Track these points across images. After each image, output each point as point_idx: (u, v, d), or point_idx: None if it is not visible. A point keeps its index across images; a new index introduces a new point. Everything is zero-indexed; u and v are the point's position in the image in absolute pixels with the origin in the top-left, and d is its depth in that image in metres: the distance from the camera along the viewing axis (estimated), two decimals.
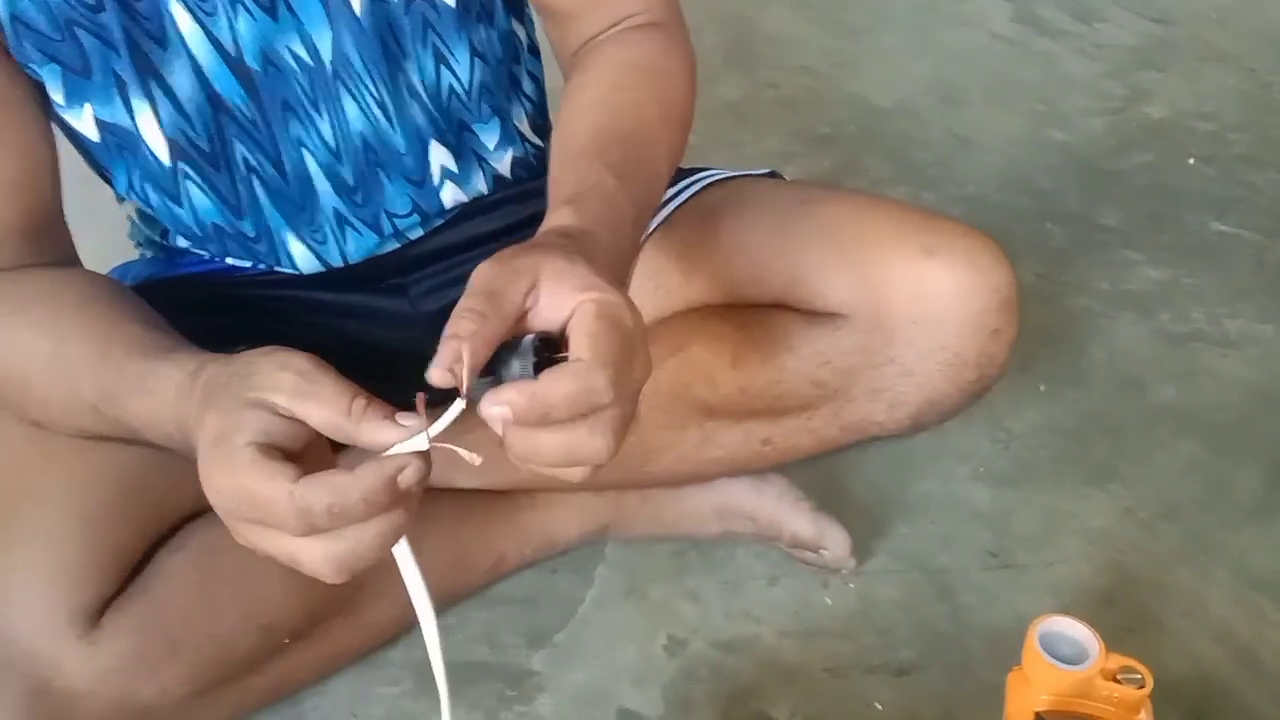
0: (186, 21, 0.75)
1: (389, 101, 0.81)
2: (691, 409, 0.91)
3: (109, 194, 0.87)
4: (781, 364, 0.88)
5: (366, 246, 0.88)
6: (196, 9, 0.75)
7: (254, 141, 0.81)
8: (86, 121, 0.77)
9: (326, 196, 0.84)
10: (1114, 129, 1.63)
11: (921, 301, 0.84)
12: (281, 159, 0.82)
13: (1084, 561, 1.02)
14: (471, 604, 0.99)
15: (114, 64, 0.75)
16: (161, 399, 0.63)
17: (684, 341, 0.90)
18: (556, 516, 1.00)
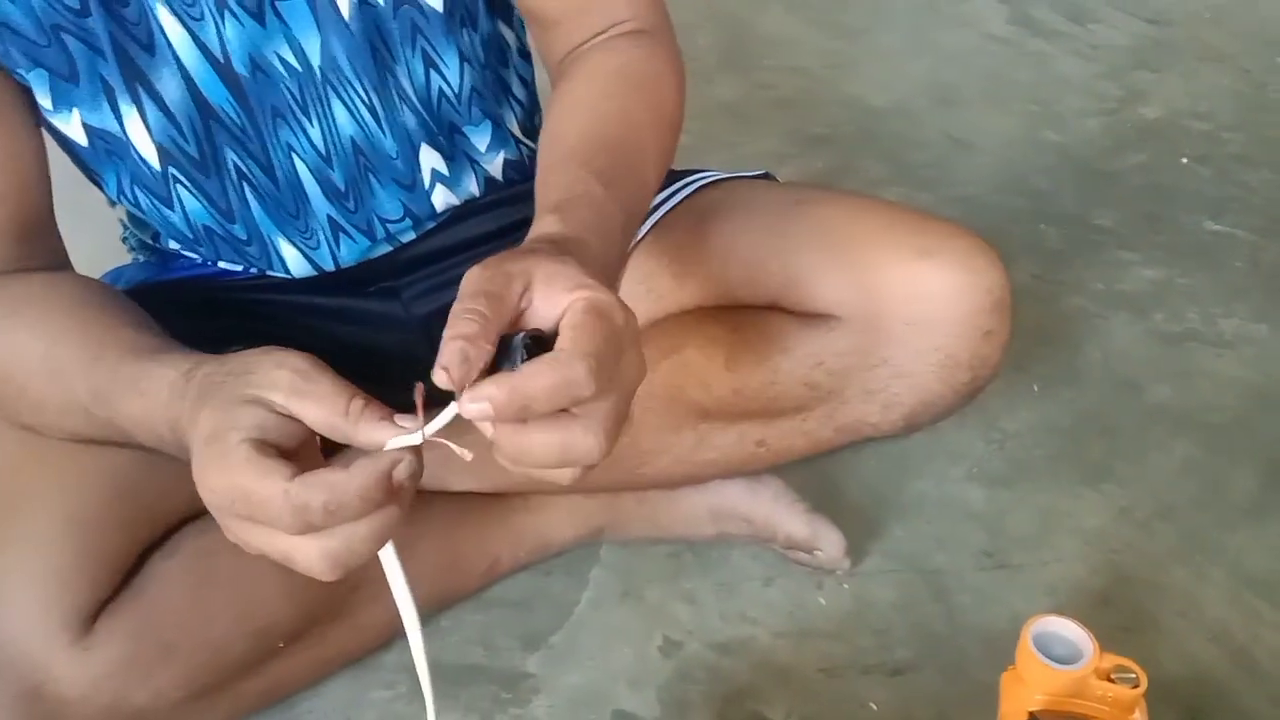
0: (174, 27, 0.75)
1: (379, 106, 0.81)
2: (685, 411, 0.91)
3: (101, 197, 0.86)
4: (775, 366, 0.88)
5: (358, 250, 0.88)
6: (184, 15, 0.75)
7: (244, 147, 0.81)
8: (74, 127, 0.77)
9: (318, 201, 0.84)
10: (1109, 129, 1.63)
11: (915, 303, 0.85)
12: (272, 164, 0.82)
13: (1079, 561, 1.02)
14: (466, 607, 0.98)
15: (101, 69, 0.75)
16: (154, 399, 0.63)
17: (678, 344, 0.90)
18: (551, 519, 1.00)
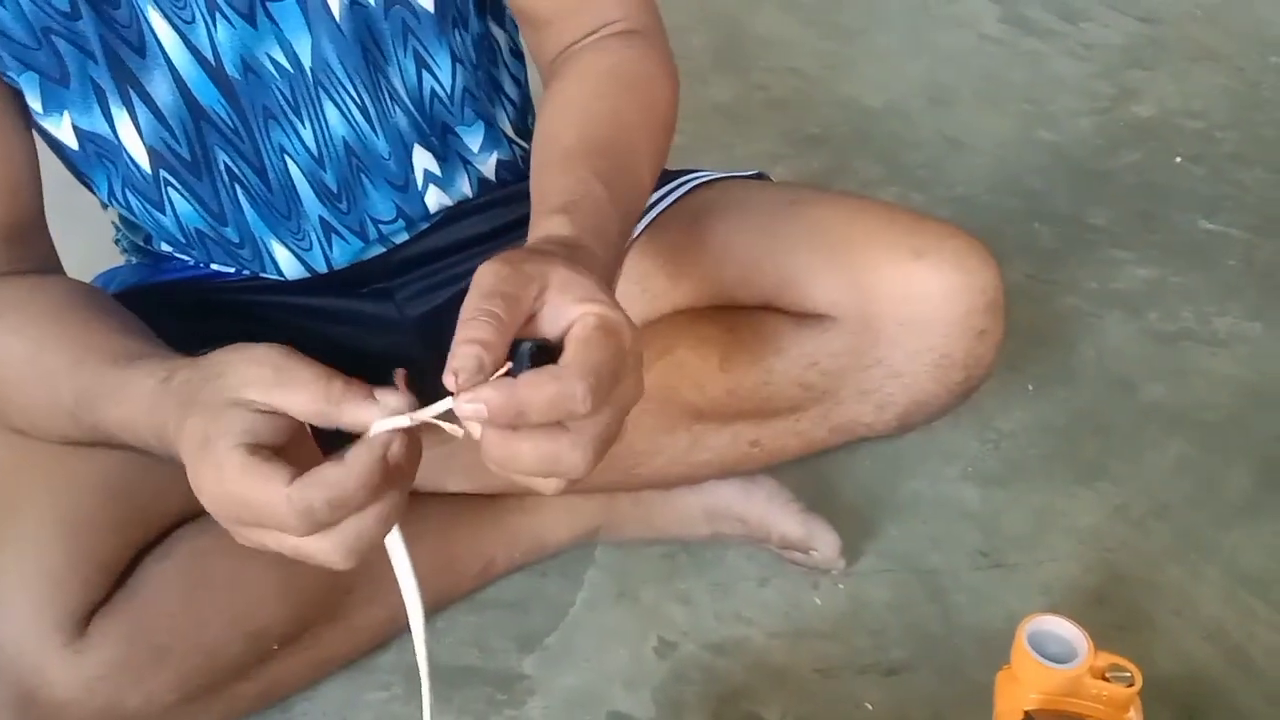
0: (165, 30, 0.75)
1: (370, 106, 0.81)
2: (680, 412, 0.91)
3: (93, 199, 0.86)
4: (769, 366, 0.88)
5: (351, 251, 0.88)
6: (174, 17, 0.74)
7: (236, 149, 0.80)
8: (65, 130, 0.77)
9: (310, 203, 0.84)
10: (1102, 129, 1.63)
11: (909, 303, 0.85)
12: (264, 166, 0.81)
13: (1074, 560, 1.02)
14: (461, 608, 0.98)
15: (92, 72, 0.75)
16: (136, 408, 0.62)
17: (671, 344, 0.90)
18: (546, 520, 1.00)
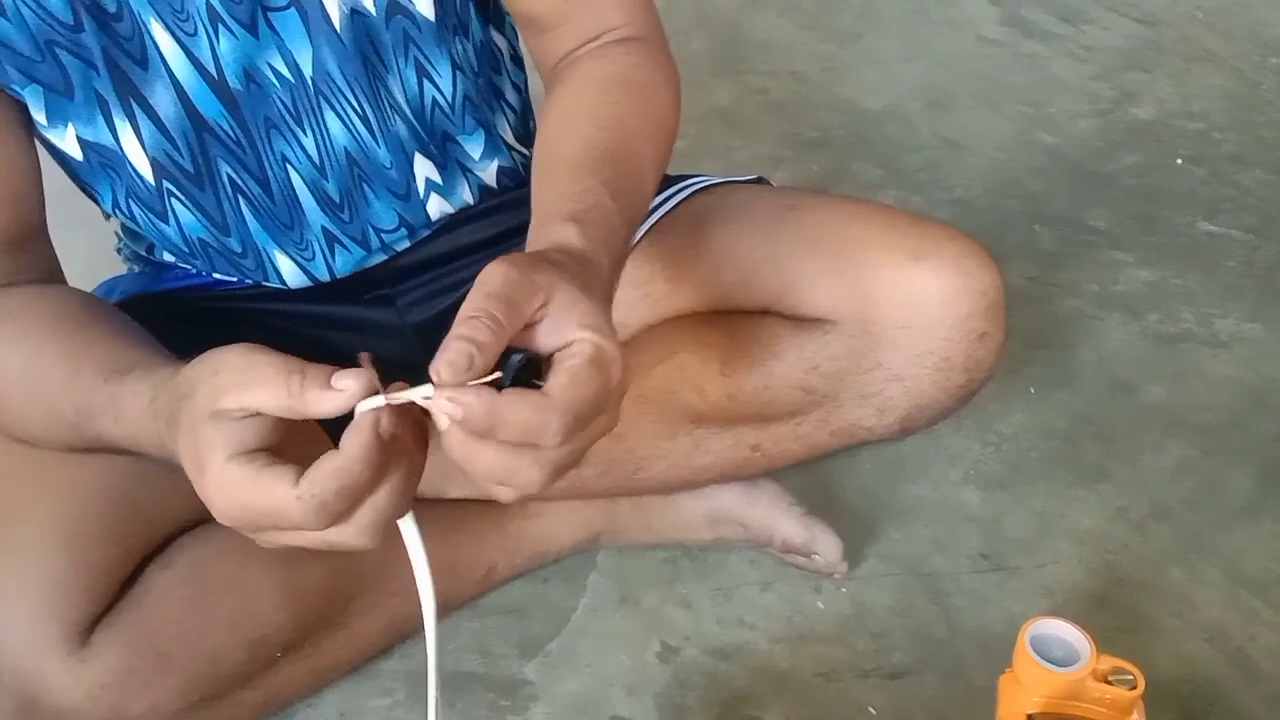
0: (167, 42, 0.75)
1: (372, 115, 0.81)
2: (681, 416, 0.91)
3: (96, 208, 0.86)
4: (770, 370, 0.88)
5: (353, 260, 0.88)
6: (177, 29, 0.74)
7: (238, 160, 0.80)
8: (69, 141, 0.77)
9: (313, 212, 0.84)
10: (1102, 131, 1.63)
11: (909, 306, 0.85)
12: (267, 176, 0.82)
13: (1076, 563, 1.02)
14: (463, 614, 0.98)
15: (95, 84, 0.75)
16: (132, 425, 0.63)
17: (672, 349, 0.90)
18: (547, 525, 1.00)
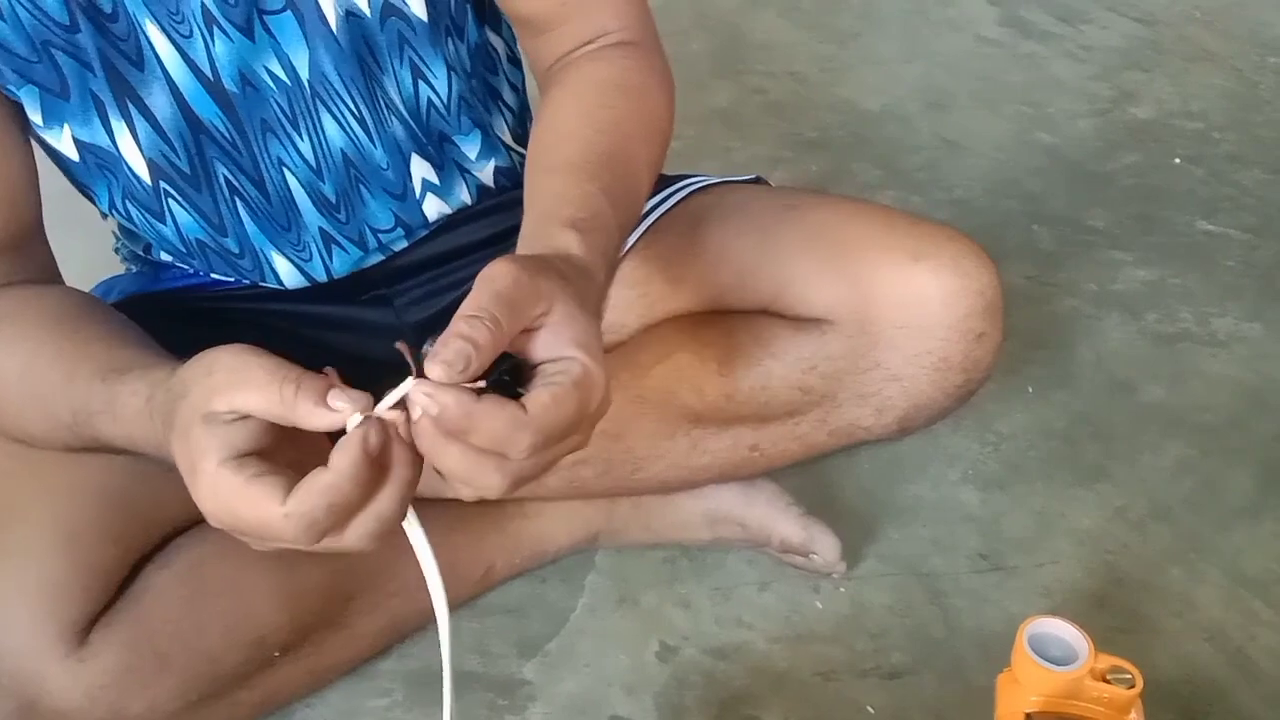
0: (162, 43, 0.75)
1: (368, 117, 0.81)
2: (679, 416, 0.91)
3: (94, 208, 0.86)
4: (768, 370, 0.89)
5: (351, 260, 0.88)
6: (172, 31, 0.74)
7: (234, 162, 0.81)
8: (65, 142, 0.77)
9: (309, 214, 0.84)
10: (1101, 130, 1.63)
11: (907, 306, 0.85)
12: (263, 178, 0.82)
13: (1075, 563, 1.02)
14: (462, 614, 0.98)
15: (91, 85, 0.75)
16: (130, 425, 0.63)
17: (670, 349, 0.90)
18: (546, 525, 1.00)
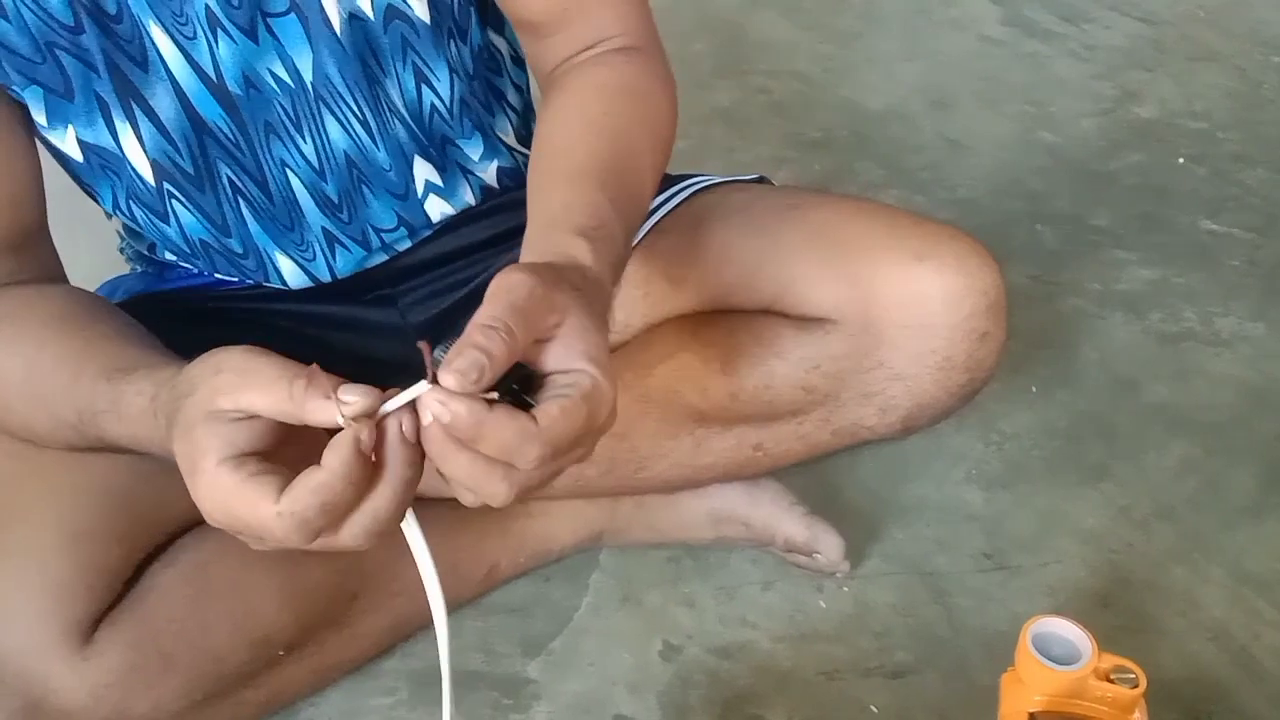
0: (167, 45, 0.75)
1: (371, 119, 0.81)
2: (682, 415, 0.91)
3: (99, 208, 0.86)
4: (771, 370, 0.89)
5: (354, 260, 0.88)
6: (176, 32, 0.75)
7: (238, 163, 0.81)
8: (69, 143, 0.78)
9: (313, 215, 0.84)
10: (1104, 130, 1.63)
11: (910, 306, 0.85)
12: (266, 179, 0.82)
13: (1079, 562, 1.02)
14: (466, 613, 0.98)
15: (96, 86, 0.75)
16: (135, 424, 0.63)
17: (674, 349, 0.90)
18: (550, 524, 1.00)
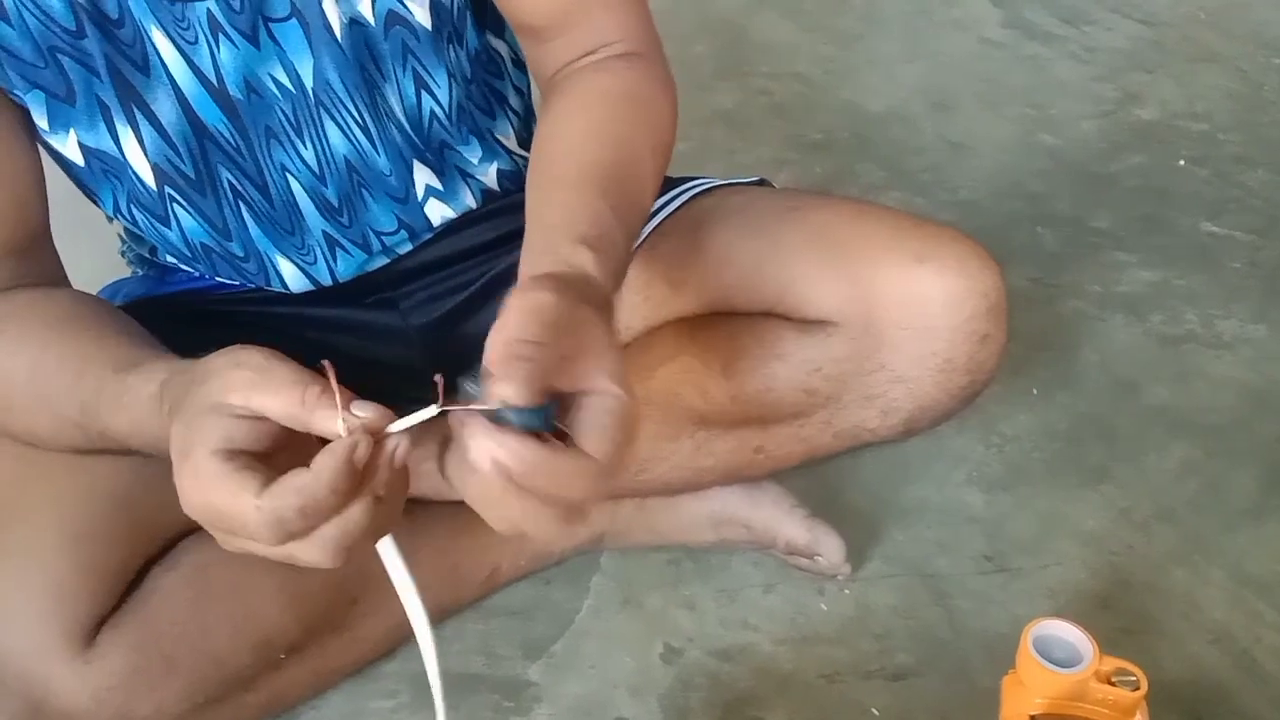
0: (168, 49, 0.75)
1: (371, 125, 0.81)
2: (683, 418, 0.91)
3: (100, 212, 0.87)
4: (773, 372, 0.89)
5: (355, 264, 0.88)
6: (178, 37, 0.75)
7: (238, 167, 0.81)
8: (71, 147, 0.78)
9: (313, 218, 0.84)
10: (1105, 132, 1.63)
11: (911, 308, 0.85)
12: (266, 183, 0.82)
13: (1079, 564, 1.02)
14: (467, 616, 0.99)
15: (97, 90, 0.75)
16: (138, 413, 0.63)
17: (675, 351, 0.90)
18: None
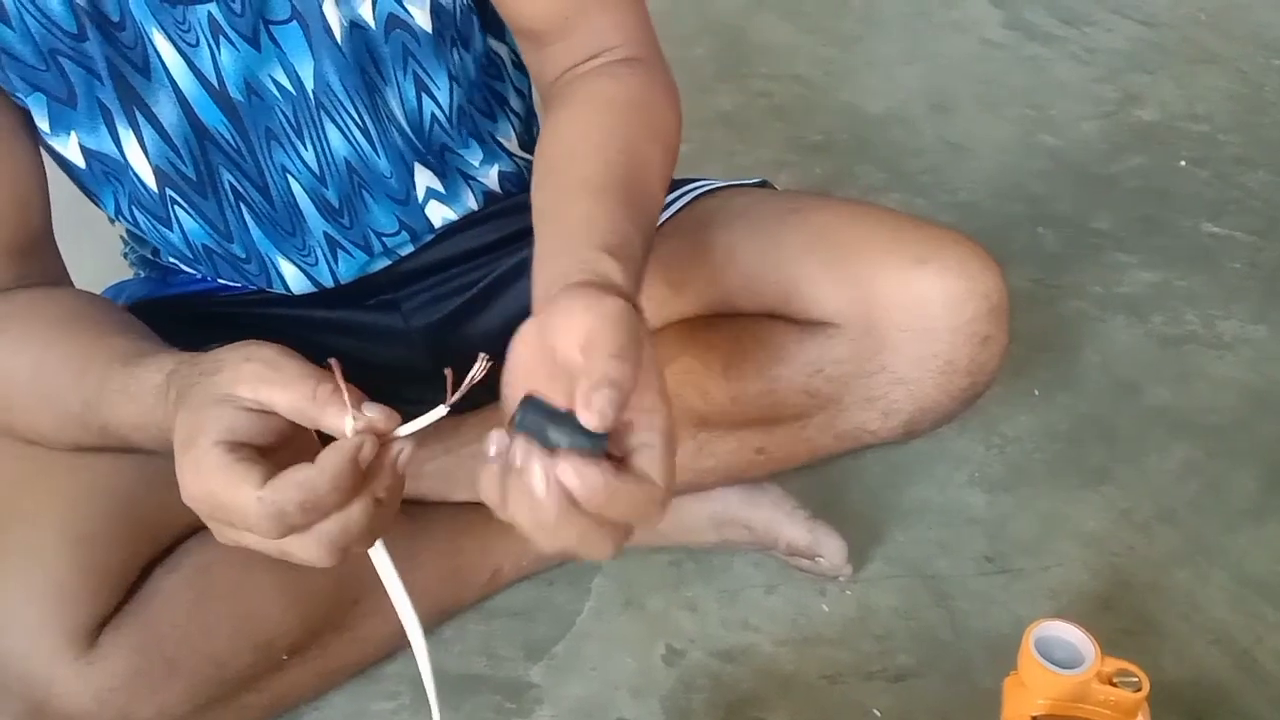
0: (169, 52, 0.75)
1: (371, 127, 0.81)
2: (684, 419, 0.91)
3: (103, 214, 0.87)
4: (774, 374, 0.89)
5: (356, 265, 0.88)
6: (179, 40, 0.75)
7: (239, 169, 0.81)
8: (72, 149, 0.78)
9: (314, 220, 0.84)
10: (1105, 133, 1.63)
11: (912, 309, 0.85)
12: (267, 185, 0.82)
13: (1081, 565, 1.02)
14: (469, 617, 0.99)
15: (98, 93, 0.76)
16: (143, 403, 0.63)
17: (676, 352, 0.90)
18: None
